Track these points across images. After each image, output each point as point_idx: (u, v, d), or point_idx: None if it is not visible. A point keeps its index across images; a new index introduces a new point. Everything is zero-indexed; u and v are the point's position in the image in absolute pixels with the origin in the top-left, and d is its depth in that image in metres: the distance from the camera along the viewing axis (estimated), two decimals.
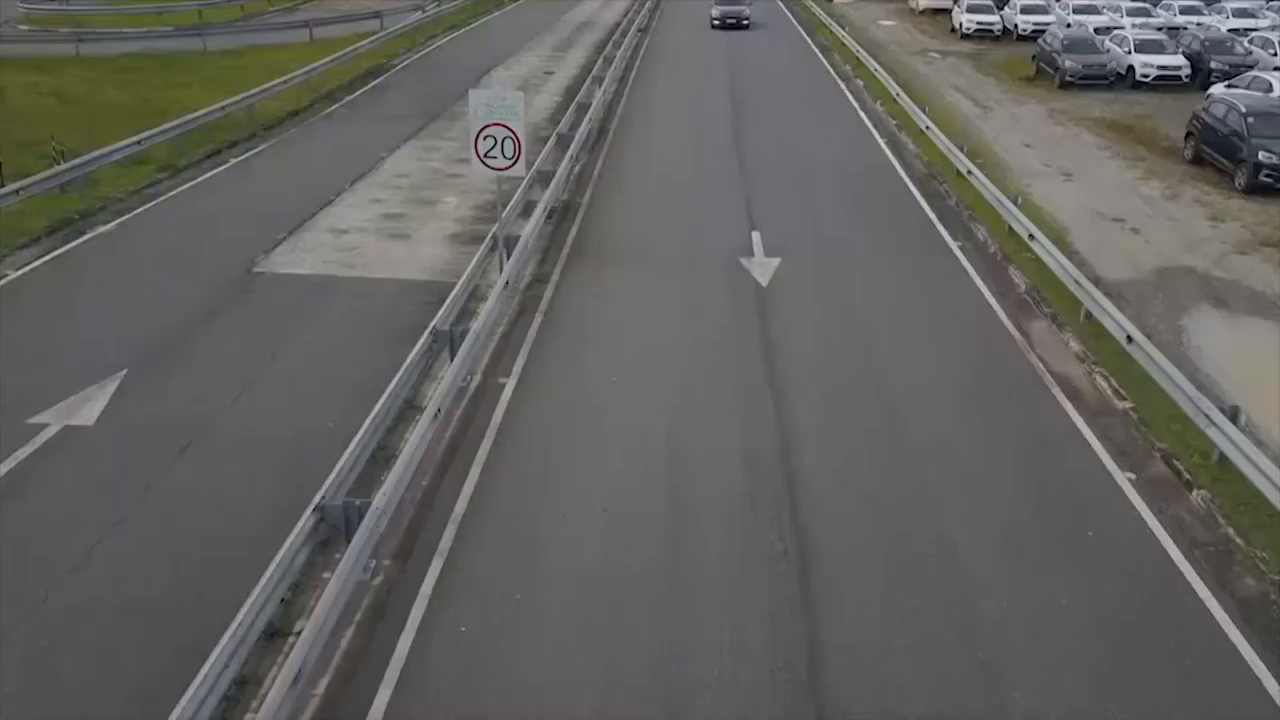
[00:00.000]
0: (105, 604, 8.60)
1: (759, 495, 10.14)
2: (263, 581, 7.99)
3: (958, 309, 14.88)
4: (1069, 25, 36.38)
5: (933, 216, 18.95)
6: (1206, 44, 31.89)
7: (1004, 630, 8.33)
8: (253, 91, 26.36)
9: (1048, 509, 10.01)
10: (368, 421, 10.26)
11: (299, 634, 7.83)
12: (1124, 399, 12.09)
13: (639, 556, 9.21)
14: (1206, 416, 10.47)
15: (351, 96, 29.91)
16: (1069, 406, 12.04)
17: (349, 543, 8.66)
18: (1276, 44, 31.50)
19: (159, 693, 7.29)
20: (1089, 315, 13.86)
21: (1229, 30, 34.90)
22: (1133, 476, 10.57)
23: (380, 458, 10.48)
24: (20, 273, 15.74)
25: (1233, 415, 10.26)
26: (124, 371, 12.45)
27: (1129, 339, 12.40)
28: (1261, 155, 20.17)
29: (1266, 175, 20.13)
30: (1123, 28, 35.33)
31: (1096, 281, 14.19)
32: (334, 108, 28.52)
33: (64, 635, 8.24)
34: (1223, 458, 10.37)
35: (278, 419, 11.57)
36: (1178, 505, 10.13)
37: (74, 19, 44.18)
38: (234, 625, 7.54)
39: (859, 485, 10.36)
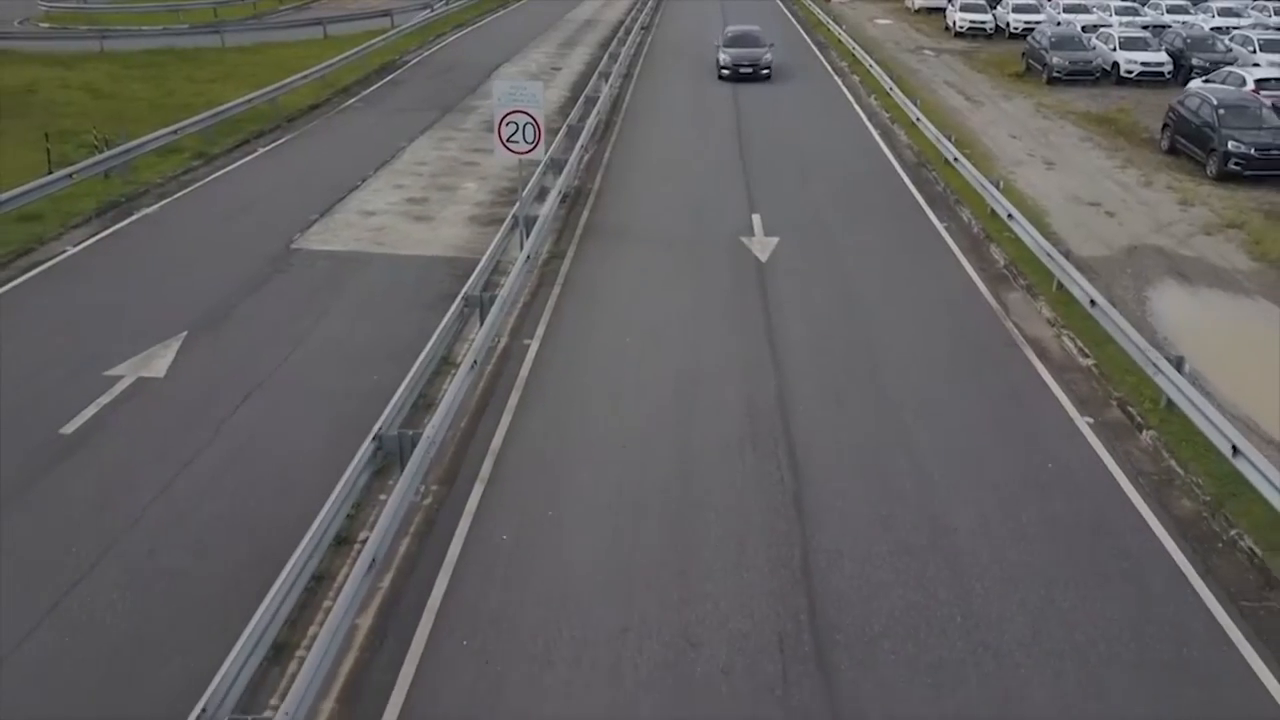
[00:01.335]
0: (193, 518, 9.92)
1: (759, 434, 11.47)
2: (332, 497, 9.28)
3: (941, 281, 16.21)
4: (1059, 24, 37.74)
5: (921, 200, 20.29)
6: (1189, 41, 33.23)
7: (969, 540, 9.65)
8: (275, 86, 27.72)
9: (1013, 446, 11.35)
10: (413, 370, 11.58)
11: (364, 541, 9.13)
12: (1087, 357, 13.42)
13: (654, 482, 10.55)
14: (1155, 365, 11.82)
15: (367, 91, 31.23)
16: (1038, 364, 13.37)
17: (403, 468, 9.98)
18: (1256, 41, 32.83)
19: (248, 582, 8.62)
20: (1060, 286, 15.20)
21: (1211, 29, 36.27)
22: (1091, 420, 11.91)
23: (422, 404, 11.80)
24: (79, 248, 17.08)
25: (1178, 364, 11.60)
26: (184, 333, 13.76)
27: (1092, 303, 13.75)
28: (1231, 145, 21.49)
29: (1235, 163, 21.46)
30: (1111, 26, 36.68)
31: (1067, 255, 15.49)
32: (351, 101, 29.84)
33: (162, 542, 9.56)
34: (1170, 403, 11.71)
35: (327, 374, 12.89)
36: (1129, 443, 11.47)
37: (92, 17, 45.57)
38: (311, 529, 8.83)
39: (847, 427, 11.69)
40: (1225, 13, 40.35)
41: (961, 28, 42.10)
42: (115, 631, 8.45)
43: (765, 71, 31.90)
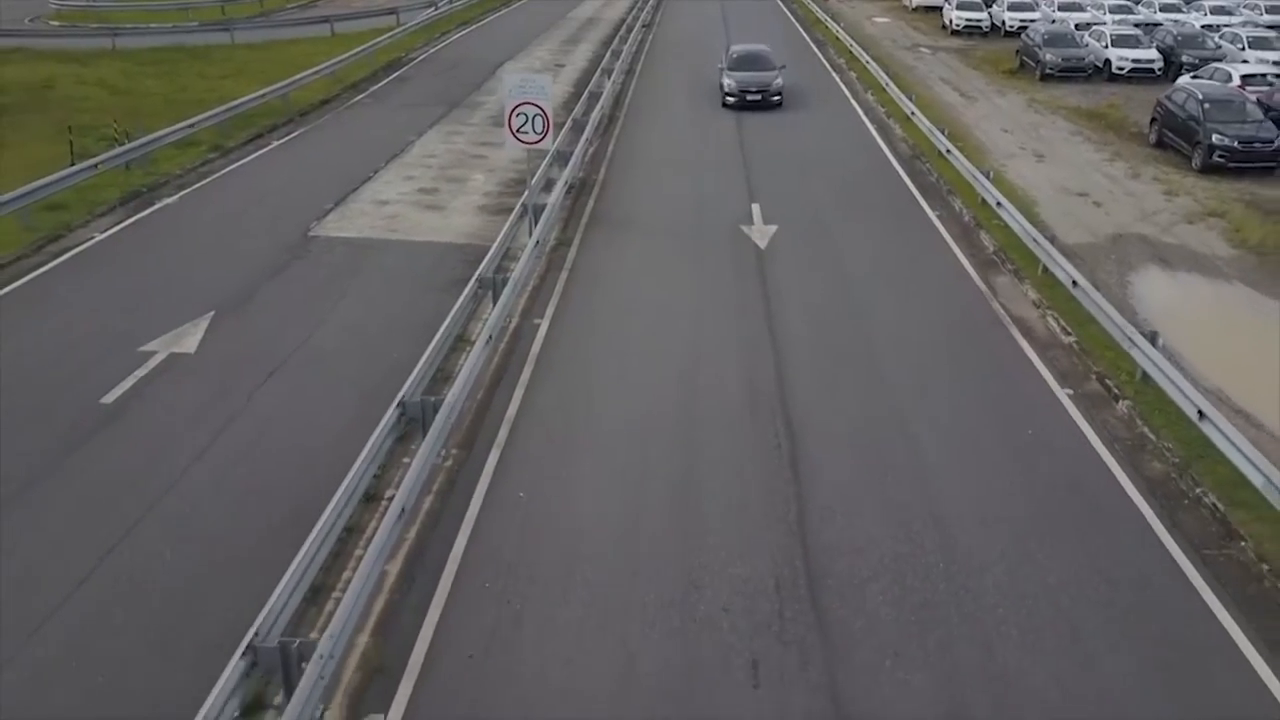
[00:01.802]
0: (229, 479, 10.64)
1: (758, 405, 12.20)
2: (361, 456, 9.99)
3: (933, 266, 16.92)
4: (1053, 21, 38.45)
5: (914, 190, 21.01)
6: (1179, 39, 33.96)
7: (953, 498, 10.37)
8: (286, 81, 28.43)
9: (997, 415, 12.07)
10: (432, 344, 12.32)
11: (390, 499, 9.84)
12: (1070, 335, 14.14)
13: (659, 447, 11.28)
14: (1130, 340, 12.54)
15: (376, 87, 31.92)
16: (1023, 341, 14.09)
17: (425, 432, 10.69)
18: (1245, 39, 33.57)
19: (285, 535, 9.32)
20: (1045, 270, 15.91)
21: (1202, 26, 37.00)
22: (1070, 392, 12.64)
23: (440, 378, 12.51)
24: (106, 235, 17.84)
25: (1152, 339, 12.32)
26: (211, 313, 14.48)
27: (1074, 283, 14.47)
28: (1215, 138, 22.21)
29: (1219, 156, 22.18)
30: (1104, 24, 37.39)
31: (1052, 240, 16.21)
32: (360, 97, 30.53)
33: (201, 501, 10.28)
34: (1145, 376, 12.43)
35: (348, 350, 13.61)
36: (1105, 412, 12.19)
37: (102, 15, 46.22)
38: (342, 485, 9.53)
39: (841, 399, 12.41)
40: (1217, 11, 41.07)
41: (958, 26, 42.80)
42: (164, 578, 9.16)
43: (776, 99, 28.24)
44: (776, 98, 28.26)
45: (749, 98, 28.03)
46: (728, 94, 28.38)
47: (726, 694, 7.87)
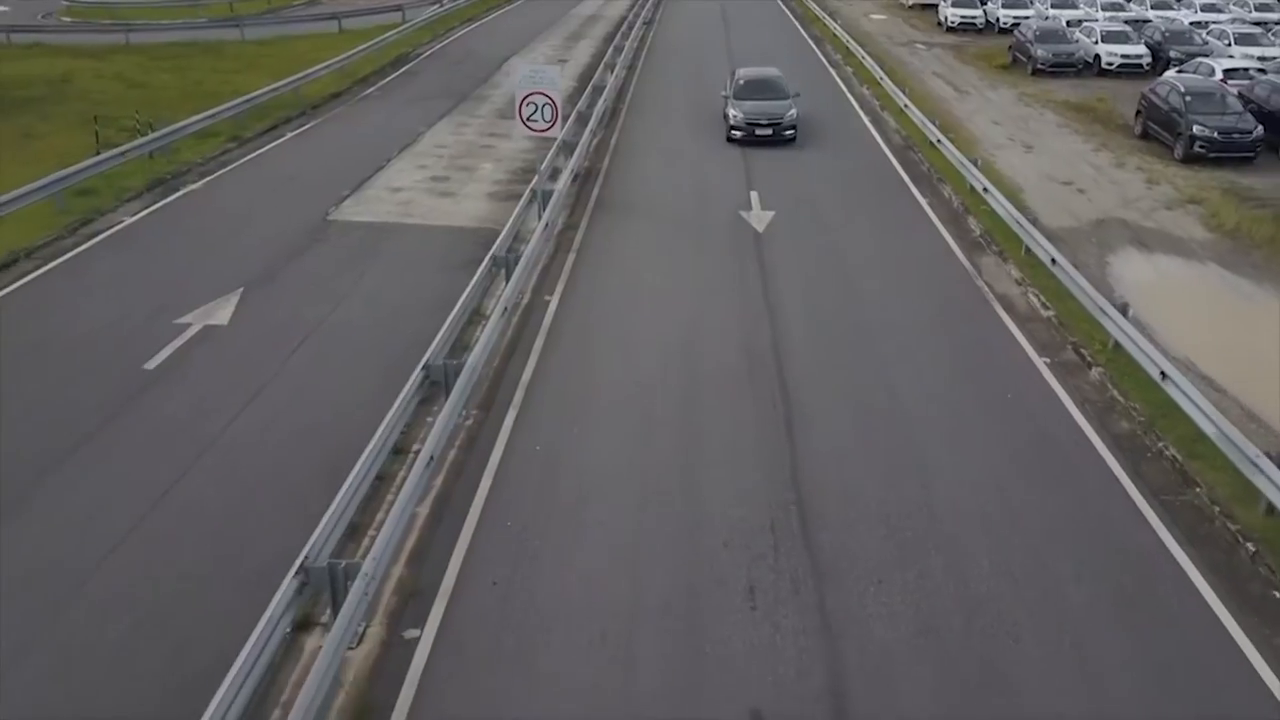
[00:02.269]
0: (266, 438, 11.52)
1: (755, 372, 13.09)
2: (390, 412, 10.88)
3: (922, 248, 17.81)
4: (1045, 18, 39.35)
5: (906, 178, 21.91)
6: (1167, 35, 34.87)
7: (935, 453, 11.26)
8: (298, 75, 29.32)
9: (978, 381, 12.97)
10: (452, 314, 13.23)
11: (417, 452, 10.73)
12: (1049, 309, 15.03)
13: (664, 408, 12.18)
14: (1102, 310, 13.43)
15: (385, 81, 32.80)
16: (1005, 316, 14.98)
17: (448, 393, 11.58)
18: (1231, 35, 34.47)
19: (322, 482, 10.16)
20: (1028, 250, 16.80)
21: (1191, 23, 37.90)
22: (1048, 360, 13.53)
23: (459, 347, 13.37)
24: (135, 219, 18.73)
25: (1123, 310, 13.21)
26: (241, 289, 15.37)
27: (1053, 261, 15.36)
28: (1196, 129, 23.11)
29: (1200, 146, 23.07)
30: (1095, 20, 38.28)
31: (1033, 222, 17.10)
32: (370, 91, 31.40)
33: (241, 459, 11.14)
34: (1117, 345, 13.33)
35: (370, 323, 14.48)
36: (1079, 378, 13.09)
37: (113, 12, 47.10)
38: (374, 438, 10.41)
39: (833, 366, 13.31)
40: (1207, 8, 41.96)
41: (953, 23, 43.69)
42: (214, 519, 10.05)
43: (789, 133, 24.36)
44: (790, 132, 24.37)
45: (758, 132, 24.20)
46: (734, 127, 24.35)
47: (726, 614, 8.76)
